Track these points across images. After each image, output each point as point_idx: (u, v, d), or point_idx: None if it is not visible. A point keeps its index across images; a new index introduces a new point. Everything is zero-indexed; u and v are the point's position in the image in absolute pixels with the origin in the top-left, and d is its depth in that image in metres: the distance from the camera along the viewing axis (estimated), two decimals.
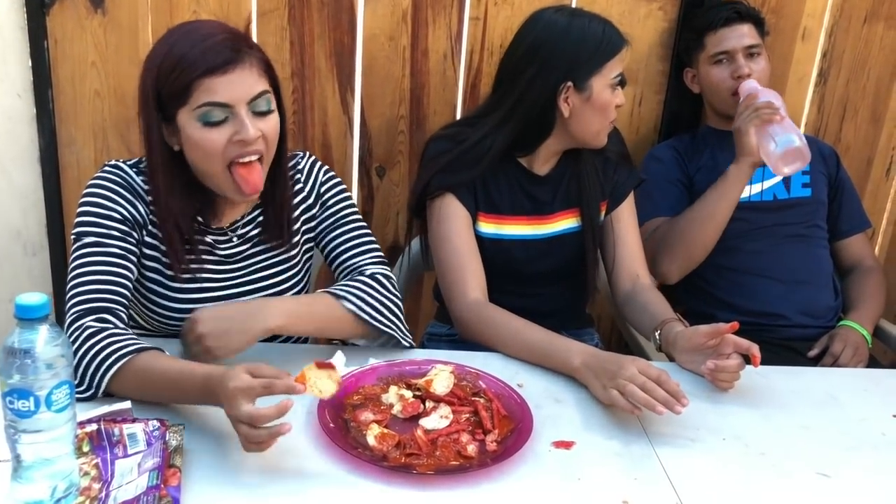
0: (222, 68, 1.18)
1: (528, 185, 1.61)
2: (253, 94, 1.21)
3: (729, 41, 1.87)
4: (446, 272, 1.54)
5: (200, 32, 1.21)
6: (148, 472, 0.94)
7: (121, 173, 1.31)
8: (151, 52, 1.25)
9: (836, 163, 2.00)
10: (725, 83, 1.88)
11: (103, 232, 1.26)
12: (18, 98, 2.10)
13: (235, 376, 1.01)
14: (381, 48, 2.05)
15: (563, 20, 1.53)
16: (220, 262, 1.37)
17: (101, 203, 1.28)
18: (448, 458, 1.09)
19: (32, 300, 0.84)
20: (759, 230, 1.89)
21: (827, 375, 1.49)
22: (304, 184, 1.44)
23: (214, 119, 1.20)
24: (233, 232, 1.38)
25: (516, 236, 1.61)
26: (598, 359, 1.29)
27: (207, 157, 1.23)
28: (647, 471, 1.12)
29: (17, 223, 2.22)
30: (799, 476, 1.14)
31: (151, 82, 1.21)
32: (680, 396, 1.18)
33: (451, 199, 1.55)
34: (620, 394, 1.20)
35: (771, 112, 1.69)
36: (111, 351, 1.14)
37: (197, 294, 1.35)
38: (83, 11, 2.01)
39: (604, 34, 1.51)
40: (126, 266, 1.27)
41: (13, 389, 0.85)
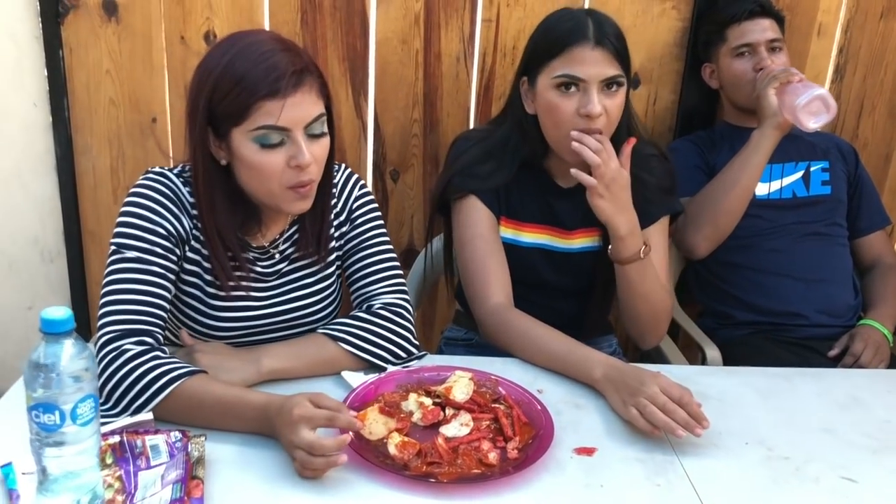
0: (284, 92, 1.15)
1: (550, 197, 1.57)
2: (310, 119, 1.19)
3: (752, 34, 1.87)
4: (470, 274, 1.51)
5: (261, 49, 1.16)
6: (171, 485, 0.95)
7: (168, 182, 1.27)
8: (206, 64, 1.20)
9: (855, 159, 1.98)
10: (748, 75, 1.87)
11: (146, 248, 1.22)
12: (34, 107, 2.12)
13: (299, 403, 1.03)
14: (393, 52, 2.05)
15: (556, 13, 1.50)
16: (260, 280, 1.35)
17: (145, 216, 1.23)
18: (469, 466, 1.09)
19: (58, 315, 0.84)
20: (778, 228, 1.88)
21: (849, 377, 1.47)
22: (338, 198, 1.41)
23: (271, 142, 1.18)
24: (274, 249, 1.36)
25: (535, 244, 1.58)
26: (620, 372, 1.27)
27: (263, 179, 1.21)
28: (671, 476, 1.12)
29: (34, 230, 2.23)
30: (824, 481, 1.13)
31: (206, 97, 1.17)
32: (701, 419, 1.17)
33: (475, 200, 1.52)
34: (640, 413, 1.18)
35: (789, 73, 1.71)
36: (161, 373, 1.12)
37: (236, 312, 1.33)
38: (97, 20, 2.02)
39: (566, 30, 1.42)
40: (165, 286, 1.24)
41: (38, 403, 0.85)
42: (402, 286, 1.41)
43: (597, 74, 1.40)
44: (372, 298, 1.38)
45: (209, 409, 1.12)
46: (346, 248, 1.42)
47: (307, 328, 1.39)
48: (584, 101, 1.40)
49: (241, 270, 1.31)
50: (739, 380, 1.40)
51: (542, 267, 1.58)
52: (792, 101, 1.70)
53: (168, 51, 2.05)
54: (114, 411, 1.12)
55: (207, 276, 1.31)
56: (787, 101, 1.71)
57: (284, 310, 1.37)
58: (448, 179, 1.55)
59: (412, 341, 1.36)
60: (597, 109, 1.39)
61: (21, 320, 2.33)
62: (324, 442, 1.01)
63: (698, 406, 1.18)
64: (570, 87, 1.41)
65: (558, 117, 1.44)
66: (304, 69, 1.18)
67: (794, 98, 1.69)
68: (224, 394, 1.13)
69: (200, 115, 1.18)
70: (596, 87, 1.40)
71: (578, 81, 1.40)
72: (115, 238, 1.24)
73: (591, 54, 1.39)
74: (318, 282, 1.40)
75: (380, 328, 1.33)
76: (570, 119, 1.42)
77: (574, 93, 1.42)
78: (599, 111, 1.40)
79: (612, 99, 1.42)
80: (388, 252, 1.42)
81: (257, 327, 1.35)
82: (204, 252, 1.30)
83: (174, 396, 1.12)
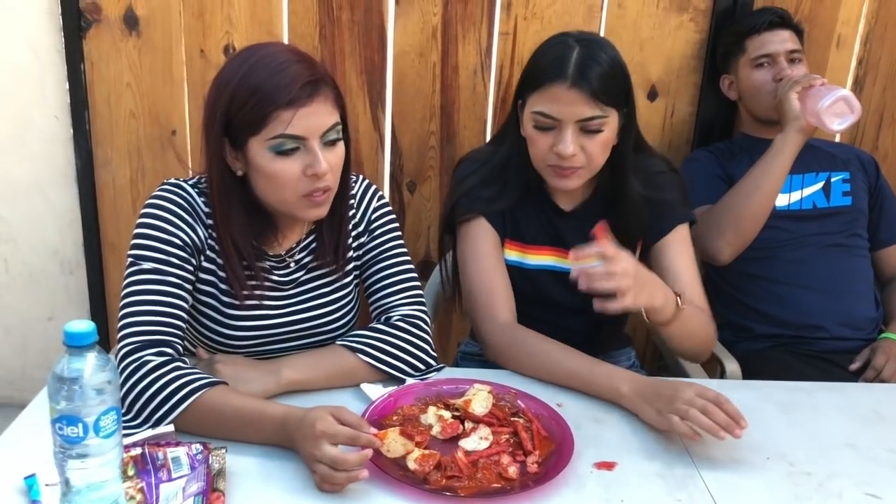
0: (299, 102, 1.16)
1: (553, 218, 1.55)
2: (326, 128, 1.20)
3: (772, 44, 1.87)
4: (475, 294, 1.49)
5: (277, 60, 1.18)
6: (193, 497, 0.95)
7: (183, 194, 1.28)
8: (223, 76, 1.21)
9: (876, 171, 1.97)
10: (767, 86, 1.87)
11: (162, 258, 1.23)
12: (56, 120, 2.14)
13: (321, 417, 1.03)
14: (411, 65, 2.06)
15: (549, 40, 1.45)
16: (276, 289, 1.35)
17: (161, 227, 1.24)
18: (489, 480, 1.08)
19: (81, 328, 0.85)
20: (799, 239, 1.87)
21: (871, 391, 1.46)
22: (357, 209, 1.41)
23: (286, 148, 1.19)
24: (290, 258, 1.36)
25: (541, 266, 1.56)
26: (650, 385, 1.26)
27: (279, 187, 1.22)
28: (692, 491, 1.11)
29: (54, 242, 2.26)
30: (848, 497, 1.12)
31: (223, 108, 1.18)
32: (739, 419, 1.16)
33: (480, 220, 1.52)
34: (681, 419, 1.17)
35: (811, 78, 1.71)
36: (181, 384, 1.13)
37: (252, 321, 1.33)
38: (118, 34, 2.04)
39: (546, 64, 1.38)
40: (183, 296, 1.24)
41: (62, 416, 0.86)
42: (420, 298, 1.41)
43: (572, 114, 1.36)
44: (390, 310, 1.38)
45: (228, 420, 1.12)
46: (364, 259, 1.43)
47: (324, 338, 1.39)
48: (557, 140, 1.38)
49: (255, 279, 1.32)
50: (760, 394, 1.38)
51: (552, 287, 1.56)
52: (815, 104, 1.69)
53: (188, 64, 2.07)
54: (135, 422, 1.13)
55: (223, 286, 1.31)
56: (811, 105, 1.71)
57: (301, 318, 1.37)
58: (454, 202, 1.54)
59: (431, 353, 1.36)
60: (568, 151, 1.37)
61: (41, 331, 2.35)
62: (347, 457, 1.01)
63: (735, 407, 1.17)
64: (545, 125, 1.39)
65: (535, 151, 1.43)
66: (319, 79, 1.19)
67: (818, 101, 1.69)
68: (243, 405, 1.14)
69: (217, 126, 1.20)
70: (571, 127, 1.37)
71: (553, 119, 1.38)
72: (132, 250, 1.25)
73: (568, 94, 1.35)
74: (334, 291, 1.40)
75: (398, 340, 1.33)
76: (545, 154, 1.41)
77: (550, 130, 1.39)
78: (572, 152, 1.37)
79: (592, 139, 1.38)
80: (406, 263, 1.43)
81: (274, 336, 1.36)
82: (219, 262, 1.30)
83: (194, 407, 1.12)
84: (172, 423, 1.11)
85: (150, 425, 1.12)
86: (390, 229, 1.44)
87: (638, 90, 2.09)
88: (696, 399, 1.17)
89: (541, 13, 2.02)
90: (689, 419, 1.16)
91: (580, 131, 1.38)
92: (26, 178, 2.19)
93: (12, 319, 2.33)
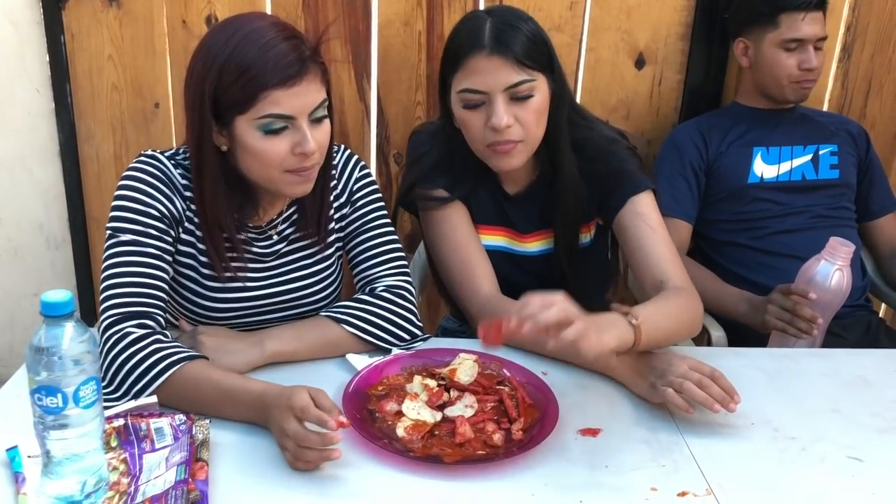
0: (289, 82, 1.15)
1: (502, 202, 1.53)
2: (314, 106, 1.19)
3: (808, 28, 1.81)
4: (453, 271, 1.46)
5: (265, 38, 1.15)
6: (176, 466, 0.95)
7: (159, 165, 1.27)
8: (208, 51, 1.18)
9: (867, 143, 1.97)
10: (790, 70, 1.83)
11: (140, 230, 1.22)
12: (37, 93, 2.11)
13: (297, 393, 1.02)
14: (396, 34, 2.03)
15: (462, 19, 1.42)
16: (257, 261, 1.35)
17: (138, 199, 1.23)
18: (475, 448, 1.09)
19: (58, 297, 0.84)
20: (787, 211, 1.88)
21: (857, 357, 1.46)
22: (338, 180, 1.40)
23: (275, 128, 1.17)
24: (272, 229, 1.36)
25: (494, 246, 1.54)
26: (642, 357, 1.24)
27: (266, 165, 1.20)
28: (676, 457, 1.11)
29: (39, 217, 2.24)
30: (830, 460, 1.13)
31: (210, 85, 1.16)
32: (733, 393, 1.16)
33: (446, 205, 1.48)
34: (675, 392, 1.16)
35: (807, 328, 1.53)
36: (160, 357, 1.12)
37: (233, 293, 1.33)
38: (98, 5, 2.01)
39: (461, 40, 1.34)
40: (163, 267, 1.24)
41: (41, 386, 0.85)
42: (404, 268, 1.40)
43: (497, 83, 1.31)
44: (375, 281, 1.38)
45: (207, 393, 1.12)
46: (347, 230, 1.42)
47: (307, 309, 1.39)
48: (489, 113, 1.33)
49: (235, 251, 1.31)
50: (746, 360, 1.39)
51: (505, 268, 1.53)
52: (782, 342, 1.59)
53: (170, 35, 2.04)
54: (116, 394, 1.12)
55: (202, 258, 1.31)
56: (778, 339, 1.60)
57: (283, 290, 1.36)
58: (412, 183, 1.51)
59: (416, 323, 1.35)
60: (503, 122, 1.32)
61: (27, 307, 2.34)
62: (311, 436, 1.00)
63: (729, 381, 1.17)
64: (474, 102, 1.34)
65: (470, 134, 1.39)
66: (308, 57, 1.18)
67: (784, 343, 1.59)
68: (222, 379, 1.13)
69: (204, 103, 1.17)
70: (500, 97, 1.32)
71: (480, 94, 1.33)
72: (111, 222, 1.24)
73: (489, 62, 1.30)
74: (317, 263, 1.40)
75: (383, 310, 1.32)
76: (481, 133, 1.36)
77: (480, 106, 1.34)
78: (507, 123, 1.32)
79: (524, 106, 1.34)
80: (390, 234, 1.42)
81: (255, 308, 1.35)
82: (198, 234, 1.30)
83: (173, 381, 1.12)
84: (155, 395, 1.10)
85: (130, 397, 1.11)
86: (373, 200, 1.43)
87: (625, 58, 2.08)
88: (691, 373, 1.17)
89: None
90: (684, 392, 1.16)
91: (510, 100, 1.33)
92: (9, 153, 2.16)
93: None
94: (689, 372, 1.17)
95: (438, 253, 1.49)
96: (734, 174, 1.90)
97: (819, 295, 1.51)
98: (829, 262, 1.51)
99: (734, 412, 1.16)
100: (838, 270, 1.50)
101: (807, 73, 1.84)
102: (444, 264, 1.49)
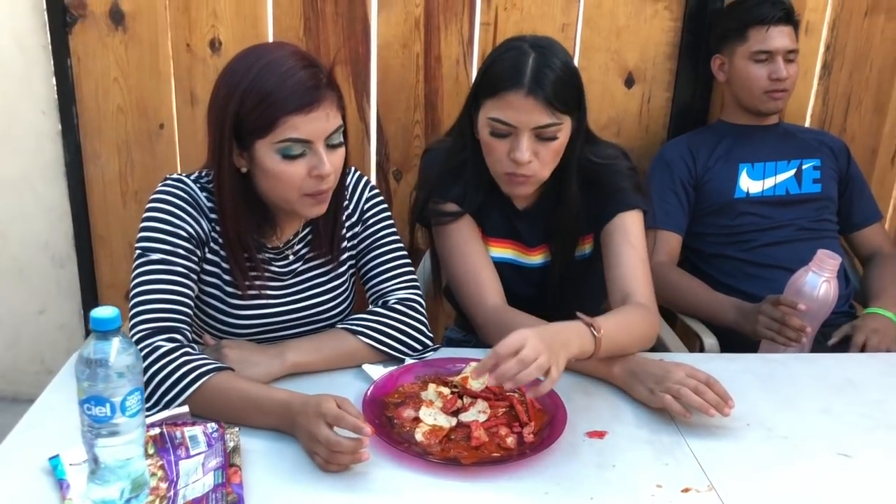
0: (307, 108, 1.21)
1: (511, 216, 1.60)
2: (331, 131, 1.25)
3: (775, 41, 1.90)
4: (462, 282, 1.53)
5: (284, 66, 1.22)
6: (213, 471, 1.00)
7: (186, 188, 1.33)
8: (231, 78, 1.25)
9: (847, 157, 2.05)
10: (760, 82, 1.92)
11: (170, 249, 1.28)
12: (43, 115, 2.16)
13: (325, 401, 1.08)
14: (395, 55, 2.10)
15: (503, 45, 1.46)
16: (276, 279, 1.40)
17: (167, 220, 1.29)
18: (490, 450, 1.15)
19: (106, 313, 0.90)
20: (774, 224, 1.95)
21: (843, 361, 1.54)
22: (350, 200, 1.46)
23: (294, 153, 1.23)
24: (288, 249, 1.41)
25: (502, 258, 1.61)
26: (641, 364, 1.33)
27: (284, 188, 1.26)
28: (678, 456, 1.18)
29: (44, 236, 2.28)
30: (821, 457, 1.20)
31: (233, 110, 1.22)
32: (727, 398, 1.24)
33: (458, 219, 1.55)
34: (673, 398, 1.24)
35: (796, 337, 1.59)
36: (189, 369, 1.18)
37: (255, 310, 1.38)
38: (104, 29, 2.06)
39: (503, 72, 1.39)
40: (189, 285, 1.30)
41: (90, 396, 0.91)
42: (414, 282, 1.47)
43: (528, 122, 1.38)
44: (387, 294, 1.44)
45: (234, 403, 1.17)
46: (359, 247, 1.48)
47: (322, 325, 1.45)
48: (513, 147, 1.40)
49: (257, 271, 1.37)
50: (738, 365, 1.46)
51: (513, 280, 1.60)
52: (769, 348, 1.66)
53: (174, 59, 2.10)
54: (147, 405, 1.17)
55: (226, 276, 1.36)
56: (766, 346, 1.67)
57: (300, 307, 1.42)
58: (426, 198, 1.58)
59: (427, 334, 1.42)
60: (524, 157, 1.39)
61: (32, 325, 2.37)
62: (343, 441, 1.06)
63: (724, 388, 1.25)
64: (502, 132, 1.41)
65: (492, 157, 1.46)
66: (325, 85, 1.24)
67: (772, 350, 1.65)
68: (249, 389, 1.19)
69: (226, 127, 1.24)
70: (527, 134, 1.39)
71: (510, 126, 1.40)
72: (140, 242, 1.29)
73: (524, 102, 1.36)
74: (331, 280, 1.46)
75: (396, 322, 1.39)
76: (502, 160, 1.43)
77: (506, 137, 1.41)
78: (527, 159, 1.39)
79: (546, 145, 1.41)
80: (399, 250, 1.48)
81: (275, 324, 1.41)
82: (222, 254, 1.35)
83: (201, 392, 1.17)
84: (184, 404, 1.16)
85: (160, 408, 1.17)
86: (383, 218, 1.49)
87: (615, 77, 2.16)
88: (688, 380, 1.25)
89: (520, 3, 2.07)
90: (681, 398, 1.23)
91: (535, 138, 1.40)
92: (15, 174, 2.21)
93: (3, 313, 2.35)
94: (686, 379, 1.25)
95: (448, 264, 1.56)
96: (721, 189, 1.98)
97: (807, 305, 1.58)
98: (816, 273, 1.58)
99: (728, 416, 1.23)
100: (825, 282, 1.57)
101: (777, 84, 1.92)
102: (453, 275, 1.56)
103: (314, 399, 1.10)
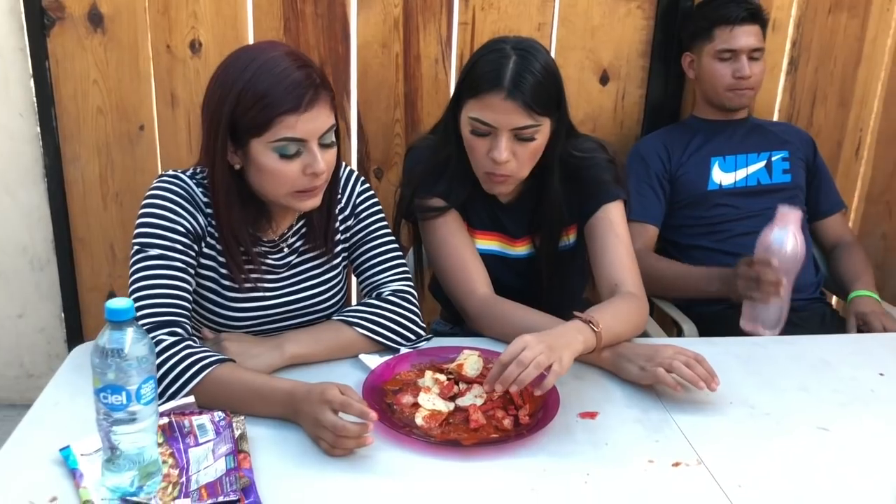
0: (302, 108, 1.24)
1: (496, 209, 1.64)
2: (324, 130, 1.28)
3: (739, 40, 1.97)
4: (451, 274, 1.57)
5: (279, 66, 1.24)
6: (224, 457, 1.03)
7: (182, 184, 1.35)
8: (225, 78, 1.27)
9: (814, 149, 2.13)
10: (725, 80, 1.99)
11: (167, 245, 1.30)
12: (20, 117, 2.16)
13: (329, 388, 1.12)
14: (374, 55, 2.14)
15: (486, 46, 1.49)
16: (272, 272, 1.43)
17: (164, 215, 1.31)
18: (488, 432, 1.19)
19: (120, 304, 0.92)
20: (746, 214, 2.02)
21: (818, 342, 1.61)
22: (342, 194, 1.49)
23: (289, 152, 1.26)
24: (283, 242, 1.44)
25: (488, 250, 1.65)
26: (629, 347, 1.38)
27: (278, 184, 1.29)
28: (667, 433, 1.23)
29: (23, 240, 2.27)
30: (801, 431, 1.26)
31: (228, 110, 1.25)
32: (714, 375, 1.30)
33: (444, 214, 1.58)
34: (666, 371, 1.29)
35: (774, 291, 1.62)
36: (192, 362, 1.20)
37: (251, 303, 1.41)
38: (83, 31, 2.07)
39: (484, 73, 1.42)
40: (187, 279, 1.31)
41: (107, 385, 0.93)
42: (406, 274, 1.51)
43: (507, 123, 1.41)
44: (381, 286, 1.47)
45: (237, 393, 1.20)
46: (352, 241, 1.51)
47: (317, 316, 1.48)
48: (492, 146, 1.44)
49: (252, 264, 1.39)
50: (719, 348, 1.52)
51: (500, 272, 1.64)
52: (752, 313, 1.69)
53: (154, 60, 2.11)
54: None
55: (223, 270, 1.39)
56: (749, 310, 1.70)
57: (295, 299, 1.45)
58: (411, 193, 1.61)
59: (420, 324, 1.45)
60: (502, 157, 1.43)
61: (11, 328, 2.36)
62: (349, 426, 1.09)
63: (710, 365, 1.31)
64: (482, 131, 1.45)
65: (474, 157, 1.50)
66: (319, 85, 1.27)
67: (755, 312, 1.68)
68: (251, 379, 1.21)
69: (222, 126, 1.26)
70: (506, 134, 1.43)
71: (489, 126, 1.43)
72: (138, 238, 1.30)
73: (504, 104, 1.40)
74: (325, 272, 1.49)
75: (391, 313, 1.42)
76: (482, 159, 1.47)
77: (486, 136, 1.45)
78: (505, 158, 1.43)
79: (524, 146, 1.45)
80: (391, 243, 1.52)
81: (271, 316, 1.43)
82: (218, 248, 1.37)
83: (205, 383, 1.19)
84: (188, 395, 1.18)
85: (164, 401, 1.18)
86: (374, 212, 1.53)
87: (591, 75, 2.22)
88: (679, 355, 1.31)
89: (497, 3, 2.12)
90: (673, 370, 1.29)
91: (514, 138, 1.44)
92: None
93: None
94: (676, 354, 1.31)
95: (437, 258, 1.60)
96: (695, 182, 2.05)
97: (779, 259, 1.62)
98: (781, 228, 1.62)
99: (715, 391, 1.29)
100: (791, 235, 1.62)
101: (741, 81, 1.99)
102: (442, 268, 1.59)
103: (318, 387, 1.13)
